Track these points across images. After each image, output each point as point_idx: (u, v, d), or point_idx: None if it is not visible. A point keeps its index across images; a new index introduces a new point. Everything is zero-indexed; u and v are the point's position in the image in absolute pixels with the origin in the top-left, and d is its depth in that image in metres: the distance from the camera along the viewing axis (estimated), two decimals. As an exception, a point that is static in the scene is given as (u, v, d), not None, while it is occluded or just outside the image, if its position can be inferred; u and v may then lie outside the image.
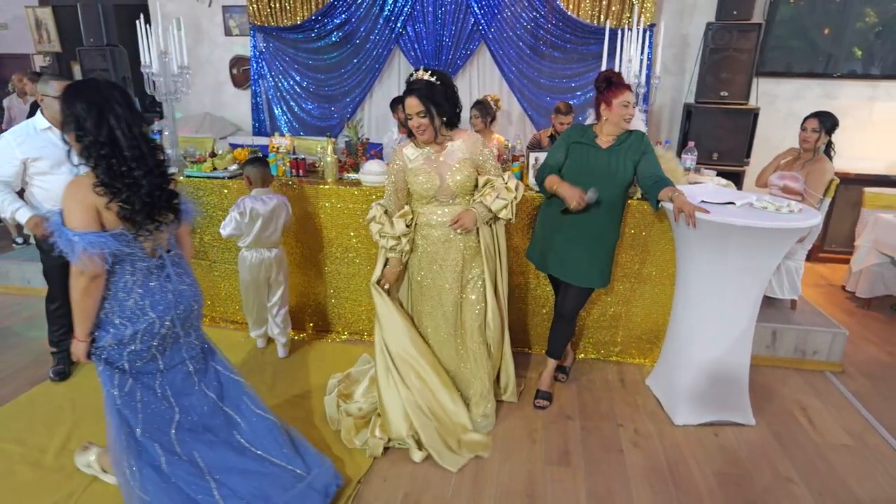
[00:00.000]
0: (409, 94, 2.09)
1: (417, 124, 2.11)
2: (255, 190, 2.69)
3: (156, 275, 1.66)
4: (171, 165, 3.24)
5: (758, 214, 2.18)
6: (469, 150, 2.20)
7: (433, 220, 2.24)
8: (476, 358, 2.35)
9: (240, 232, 2.67)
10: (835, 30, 4.38)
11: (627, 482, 2.12)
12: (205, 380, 1.84)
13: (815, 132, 2.98)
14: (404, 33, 4.86)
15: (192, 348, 1.80)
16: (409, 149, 2.23)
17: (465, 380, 2.38)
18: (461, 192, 2.21)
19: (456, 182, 2.17)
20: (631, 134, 2.38)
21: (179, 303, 1.70)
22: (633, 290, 2.86)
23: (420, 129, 2.11)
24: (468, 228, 2.20)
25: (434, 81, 2.09)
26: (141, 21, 3.21)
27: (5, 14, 6.64)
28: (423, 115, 2.09)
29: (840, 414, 2.60)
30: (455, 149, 2.19)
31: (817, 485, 2.14)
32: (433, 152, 2.20)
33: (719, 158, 4.29)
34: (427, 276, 2.29)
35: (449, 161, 2.18)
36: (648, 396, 2.68)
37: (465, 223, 2.18)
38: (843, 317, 3.62)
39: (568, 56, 4.74)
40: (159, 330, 1.66)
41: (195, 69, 5.48)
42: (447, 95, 2.12)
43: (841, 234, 4.54)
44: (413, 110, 2.09)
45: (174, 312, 1.68)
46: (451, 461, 2.17)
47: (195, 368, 1.81)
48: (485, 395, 2.37)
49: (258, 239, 2.70)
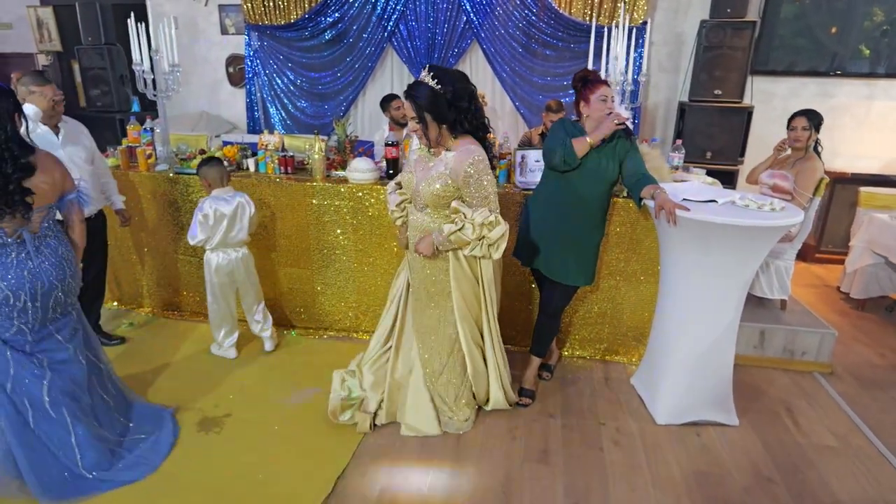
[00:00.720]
0: (405, 96, 2.04)
1: (414, 129, 2.05)
2: (216, 190, 2.68)
3: (15, 253, 1.85)
4: (162, 162, 3.29)
5: (739, 212, 2.17)
6: (453, 166, 2.01)
7: (410, 218, 2.25)
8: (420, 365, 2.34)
9: (206, 235, 2.67)
10: (841, 29, 4.34)
11: (605, 480, 2.11)
12: (72, 359, 2.01)
13: (806, 130, 2.96)
14: (397, 32, 4.86)
15: (62, 328, 1.99)
16: (416, 140, 2.22)
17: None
18: (431, 203, 2.09)
19: (427, 191, 2.07)
20: (617, 133, 2.37)
21: (36, 280, 1.86)
22: (619, 287, 2.85)
23: (417, 133, 2.06)
24: (423, 254, 2.13)
25: (434, 86, 1.95)
26: (132, 19, 3.23)
27: (9, 14, 6.71)
28: (416, 120, 2.01)
29: (826, 415, 2.57)
30: (445, 159, 2.05)
31: (797, 485, 2.12)
32: (431, 154, 2.14)
33: (713, 157, 4.26)
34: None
35: (433, 170, 2.07)
36: (632, 395, 2.66)
37: (421, 248, 2.13)
38: (835, 318, 3.59)
39: (560, 54, 4.72)
40: (15, 303, 1.84)
41: (192, 68, 5.52)
42: (451, 101, 1.96)
43: (837, 234, 4.50)
44: (409, 114, 2.03)
45: (28, 288, 1.84)
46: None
47: (64, 346, 1.99)
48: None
49: (224, 240, 2.69)
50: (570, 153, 2.26)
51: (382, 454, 2.21)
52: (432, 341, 2.31)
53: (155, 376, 2.72)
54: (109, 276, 3.32)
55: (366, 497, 2.00)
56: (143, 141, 3.33)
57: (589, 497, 2.03)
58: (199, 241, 2.68)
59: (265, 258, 3.13)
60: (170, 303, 3.41)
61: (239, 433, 2.32)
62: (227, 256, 2.75)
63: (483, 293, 2.24)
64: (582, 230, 2.42)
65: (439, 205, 2.09)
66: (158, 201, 3.20)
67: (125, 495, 1.97)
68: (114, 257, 3.34)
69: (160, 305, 3.43)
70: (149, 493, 1.98)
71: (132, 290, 3.46)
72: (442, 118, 1.99)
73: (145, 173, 3.18)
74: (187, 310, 3.39)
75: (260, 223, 2.97)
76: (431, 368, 2.33)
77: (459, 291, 2.20)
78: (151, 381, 2.67)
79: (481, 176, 2.00)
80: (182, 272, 3.31)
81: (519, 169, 2.91)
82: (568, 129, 2.37)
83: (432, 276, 2.22)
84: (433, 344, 2.31)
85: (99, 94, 5.16)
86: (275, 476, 2.08)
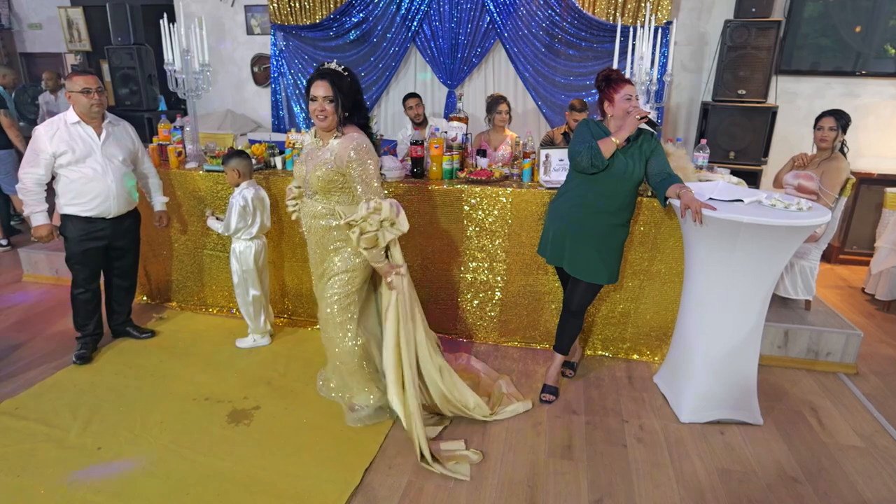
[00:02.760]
0: (321, 77, 2.09)
1: (321, 108, 2.09)
2: (246, 181, 2.83)
3: None
4: (192, 160, 3.38)
5: (766, 212, 2.17)
6: (338, 152, 2.12)
7: (304, 207, 2.34)
8: (331, 349, 2.40)
9: (244, 223, 2.78)
10: (866, 28, 4.29)
11: (630, 476, 2.14)
12: None
13: (833, 130, 2.94)
14: (420, 32, 4.91)
15: None
16: (310, 133, 2.30)
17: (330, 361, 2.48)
18: (319, 190, 2.19)
19: (314, 176, 2.18)
20: (642, 133, 2.39)
21: None
22: (643, 286, 2.87)
23: (323, 114, 2.09)
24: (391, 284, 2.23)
25: (342, 72, 2.12)
26: (165, 20, 3.33)
27: (39, 15, 6.91)
28: (330, 100, 2.08)
29: (851, 415, 2.56)
30: (331, 147, 2.17)
31: (823, 485, 2.12)
32: (320, 144, 2.23)
33: (736, 157, 4.24)
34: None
35: (321, 157, 2.18)
36: (655, 393, 2.68)
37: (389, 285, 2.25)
38: (860, 319, 3.55)
39: (583, 54, 4.73)
40: None
41: (218, 67, 5.63)
42: (353, 89, 2.13)
43: (862, 235, 4.44)
44: (321, 93, 2.08)
45: None
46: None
47: None
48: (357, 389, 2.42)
49: (263, 226, 2.88)
50: (598, 155, 2.27)
51: (409, 447, 2.26)
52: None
53: (185, 369, 2.80)
54: (140, 272, 3.42)
55: (393, 490, 2.04)
56: (174, 139, 3.42)
57: (613, 492, 2.06)
58: (235, 230, 2.79)
59: (291, 254, 3.20)
60: (197, 298, 3.49)
61: (268, 425, 2.38)
62: (262, 242, 2.93)
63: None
64: (607, 229, 2.44)
65: (326, 190, 2.19)
66: (188, 198, 3.29)
67: (157, 484, 2.04)
68: (145, 253, 3.44)
69: (188, 300, 3.52)
70: (180, 482, 2.04)
71: (161, 286, 3.56)
72: (346, 106, 2.12)
73: (176, 171, 3.27)
74: (214, 305, 3.47)
75: (286, 220, 3.07)
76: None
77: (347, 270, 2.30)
78: (182, 374, 2.75)
79: (364, 158, 2.12)
80: (210, 268, 3.40)
81: (543, 168, 2.94)
82: (593, 130, 2.39)
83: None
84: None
85: (128, 94, 5.29)
86: (303, 468, 2.13)
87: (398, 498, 2.00)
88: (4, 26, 6.90)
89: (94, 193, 2.66)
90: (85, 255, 2.77)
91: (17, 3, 6.94)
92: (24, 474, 2.06)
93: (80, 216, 2.69)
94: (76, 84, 2.58)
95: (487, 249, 2.98)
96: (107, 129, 2.70)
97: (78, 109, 2.61)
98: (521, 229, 2.91)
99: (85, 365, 2.83)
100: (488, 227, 2.95)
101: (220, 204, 3.21)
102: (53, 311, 3.45)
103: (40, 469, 2.09)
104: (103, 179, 2.66)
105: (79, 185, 2.64)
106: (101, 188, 2.66)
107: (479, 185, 2.92)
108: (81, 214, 2.69)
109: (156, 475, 2.07)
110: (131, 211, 2.89)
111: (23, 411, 2.43)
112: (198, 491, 2.00)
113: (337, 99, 2.09)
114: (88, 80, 2.60)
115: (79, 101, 2.59)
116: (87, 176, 2.63)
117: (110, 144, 2.70)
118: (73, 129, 2.61)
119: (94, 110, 2.61)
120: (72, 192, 2.64)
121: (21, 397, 2.54)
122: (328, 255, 2.30)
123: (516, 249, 2.94)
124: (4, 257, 4.40)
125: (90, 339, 2.92)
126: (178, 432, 2.31)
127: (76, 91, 2.57)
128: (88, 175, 2.64)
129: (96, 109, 2.62)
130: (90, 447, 2.21)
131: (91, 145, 2.64)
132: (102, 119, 2.69)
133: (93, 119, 2.64)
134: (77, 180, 2.63)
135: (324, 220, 2.25)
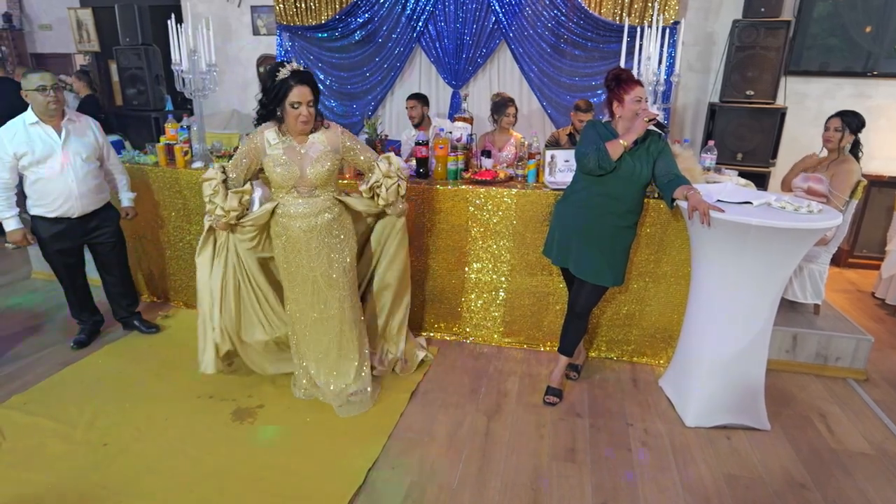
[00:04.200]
0: (302, 83, 2.11)
1: (307, 113, 2.14)
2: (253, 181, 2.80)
3: None
4: (198, 159, 3.39)
5: (775, 214, 2.14)
6: (331, 143, 2.26)
7: (292, 210, 2.29)
8: (348, 338, 2.46)
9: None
10: (876, 28, 4.23)
11: (634, 480, 2.12)
12: None
13: (838, 131, 2.90)
14: (426, 32, 4.90)
15: None
16: (270, 133, 2.23)
17: (334, 361, 2.47)
18: (320, 183, 2.26)
19: (316, 174, 2.23)
20: (649, 135, 2.37)
21: None
22: (648, 289, 2.84)
23: (307, 119, 2.15)
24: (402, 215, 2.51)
25: (310, 73, 2.17)
26: (172, 20, 3.34)
27: (50, 16, 6.96)
28: (312, 104, 2.14)
29: (861, 422, 2.53)
30: (316, 141, 2.24)
31: (832, 492, 2.09)
32: (296, 143, 2.23)
33: (744, 159, 4.19)
34: (293, 263, 2.36)
35: (311, 153, 2.23)
36: (661, 397, 2.65)
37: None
38: (870, 324, 3.51)
39: (589, 54, 4.70)
40: None
41: (223, 67, 5.64)
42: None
43: (872, 238, 4.39)
44: (305, 98, 2.12)
45: None
46: None
47: None
48: (355, 375, 2.47)
49: None
50: (605, 157, 2.26)
51: (412, 448, 2.25)
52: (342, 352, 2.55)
53: (190, 367, 2.80)
54: (143, 270, 3.44)
55: (396, 489, 2.04)
56: (180, 139, 3.44)
57: (617, 497, 2.04)
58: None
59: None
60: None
61: (271, 424, 2.38)
62: None
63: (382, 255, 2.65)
64: (613, 231, 2.42)
65: (326, 182, 2.29)
66: (194, 197, 3.30)
67: (160, 481, 2.04)
68: (148, 251, 3.46)
69: (192, 299, 3.51)
70: (184, 480, 2.05)
71: (165, 284, 3.57)
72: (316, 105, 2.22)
73: (182, 170, 3.28)
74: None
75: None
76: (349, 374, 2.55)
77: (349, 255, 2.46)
78: (186, 372, 2.76)
79: (351, 134, 2.35)
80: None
81: (548, 169, 2.92)
82: (600, 132, 2.37)
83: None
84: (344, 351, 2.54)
85: (135, 94, 5.31)
86: (307, 467, 2.13)
87: (401, 498, 1.99)
88: (16, 27, 6.96)
89: (56, 194, 2.62)
90: (60, 255, 2.78)
91: (27, 4, 7.00)
92: (33, 469, 2.08)
93: (45, 217, 2.67)
94: (31, 82, 2.51)
95: (492, 250, 2.97)
96: (66, 128, 2.64)
97: (35, 109, 2.55)
98: (525, 230, 2.89)
99: (87, 357, 2.86)
100: (493, 228, 2.93)
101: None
102: (61, 307, 3.47)
103: (48, 464, 2.11)
104: (63, 179, 2.62)
105: (40, 186, 2.61)
106: (61, 188, 2.62)
107: (483, 186, 2.91)
108: (47, 216, 2.66)
109: (160, 472, 2.08)
110: (102, 208, 2.84)
111: (31, 406, 2.45)
112: (202, 488, 2.00)
113: (317, 102, 2.17)
114: (44, 77, 2.52)
115: (35, 100, 2.53)
116: (47, 176, 2.60)
117: (71, 143, 2.65)
118: (31, 130, 2.56)
119: (51, 108, 2.54)
120: (35, 193, 2.62)
121: (29, 393, 2.56)
122: (334, 248, 2.35)
123: (521, 250, 2.93)
124: (14, 254, 4.43)
125: (88, 327, 2.99)
126: (183, 430, 2.32)
127: (31, 89, 2.51)
128: (48, 175, 2.59)
129: (53, 107, 2.55)
130: (96, 443, 2.22)
131: (51, 145, 2.60)
132: (62, 117, 2.63)
133: (51, 118, 2.58)
134: (38, 181, 2.60)
135: (329, 212, 2.32)
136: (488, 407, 2.55)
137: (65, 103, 2.66)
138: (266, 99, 2.17)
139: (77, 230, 2.76)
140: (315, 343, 2.45)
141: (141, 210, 3.21)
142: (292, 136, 2.24)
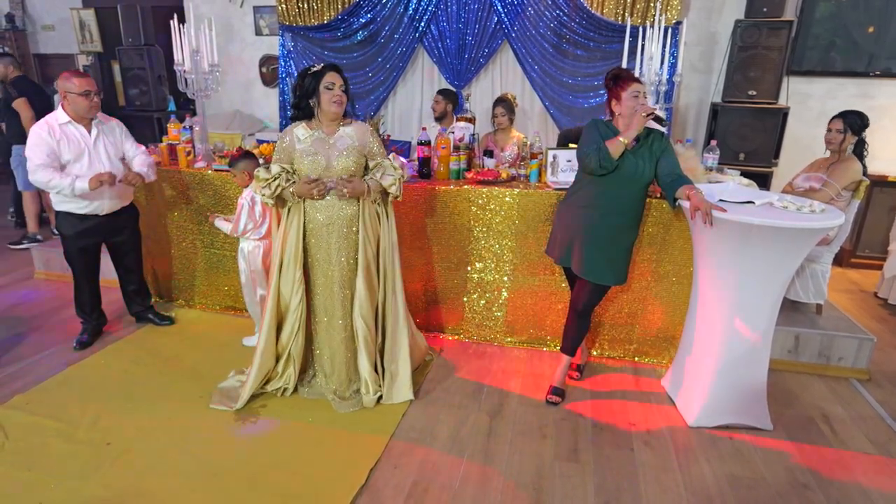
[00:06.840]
0: (332, 69, 2.24)
1: (340, 95, 2.23)
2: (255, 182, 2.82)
3: None
4: (201, 160, 3.39)
5: (778, 214, 2.14)
6: (359, 138, 2.32)
7: (317, 203, 2.32)
8: (364, 339, 2.45)
9: (252, 223, 2.78)
10: (879, 28, 4.23)
11: (637, 480, 2.11)
12: None
13: (840, 132, 2.90)
14: (428, 32, 4.91)
15: None
16: (300, 129, 2.31)
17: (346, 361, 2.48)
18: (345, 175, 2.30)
19: (343, 166, 2.27)
20: (651, 133, 2.37)
21: None
22: (650, 288, 2.84)
23: (340, 100, 2.24)
24: (354, 194, 2.30)
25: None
26: (175, 21, 3.35)
27: (52, 16, 6.98)
28: (343, 87, 2.25)
29: (864, 422, 2.52)
30: (345, 135, 2.30)
31: (835, 493, 2.08)
32: (324, 135, 2.29)
33: (746, 159, 4.19)
34: (316, 255, 2.39)
35: (338, 146, 2.28)
36: (663, 397, 2.65)
37: (354, 186, 2.28)
38: (873, 324, 3.50)
39: (591, 54, 4.70)
40: None
41: (226, 67, 5.65)
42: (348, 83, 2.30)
43: (875, 238, 4.38)
44: (338, 81, 2.23)
45: None
46: None
47: None
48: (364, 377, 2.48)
49: (272, 226, 2.83)
50: (606, 157, 2.25)
51: (414, 448, 2.25)
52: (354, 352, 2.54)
53: (192, 366, 2.82)
54: (148, 270, 3.45)
55: (398, 490, 2.04)
56: (183, 139, 3.44)
57: (620, 497, 2.04)
58: (243, 230, 2.79)
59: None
60: (204, 296, 3.51)
61: (274, 423, 2.38)
62: (262, 245, 2.88)
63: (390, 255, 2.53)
64: (616, 230, 2.41)
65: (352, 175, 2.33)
66: (198, 197, 3.30)
67: (165, 480, 2.04)
68: (152, 251, 3.46)
69: (195, 299, 3.53)
70: (187, 479, 2.05)
71: (169, 284, 3.57)
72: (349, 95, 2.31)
73: (185, 170, 3.29)
74: (221, 303, 3.48)
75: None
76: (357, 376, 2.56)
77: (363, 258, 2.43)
78: (189, 372, 2.76)
79: (380, 140, 2.46)
80: (217, 266, 3.41)
81: (550, 169, 2.93)
82: (601, 131, 2.37)
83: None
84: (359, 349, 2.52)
85: (138, 94, 5.33)
86: (309, 466, 2.13)
87: (403, 498, 1.99)
88: (18, 28, 6.98)
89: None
90: (82, 252, 2.82)
91: (30, 4, 7.02)
92: (35, 468, 2.08)
93: (74, 213, 2.73)
94: (76, 86, 2.59)
95: (494, 250, 2.97)
96: (97, 128, 2.73)
97: (73, 110, 2.63)
98: (528, 230, 2.89)
99: (89, 357, 2.87)
100: (495, 228, 2.93)
101: (229, 203, 3.22)
102: (64, 307, 3.48)
103: (51, 464, 2.11)
104: None
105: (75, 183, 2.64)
106: None
107: (486, 186, 2.91)
108: (75, 212, 2.73)
109: (162, 471, 2.08)
110: (126, 206, 2.92)
111: (33, 406, 2.45)
112: (204, 488, 2.01)
113: (347, 89, 2.25)
114: (91, 83, 2.63)
115: (77, 103, 2.61)
116: (79, 174, 2.64)
117: (101, 142, 2.73)
118: (65, 129, 2.64)
119: (92, 112, 2.66)
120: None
121: (32, 392, 2.56)
122: (353, 244, 2.36)
123: (523, 250, 2.93)
124: (17, 255, 4.44)
125: (91, 327, 3.01)
126: (185, 429, 2.32)
127: (75, 93, 2.60)
128: (80, 173, 2.65)
129: (94, 112, 2.67)
130: (99, 442, 2.23)
131: (83, 144, 2.68)
132: (91, 118, 2.72)
133: (84, 119, 2.68)
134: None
135: (350, 207, 2.34)
136: (491, 406, 2.55)
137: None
138: (301, 90, 2.25)
139: (103, 228, 2.84)
140: (328, 339, 2.46)
141: (143, 210, 3.22)
142: (323, 127, 2.30)
